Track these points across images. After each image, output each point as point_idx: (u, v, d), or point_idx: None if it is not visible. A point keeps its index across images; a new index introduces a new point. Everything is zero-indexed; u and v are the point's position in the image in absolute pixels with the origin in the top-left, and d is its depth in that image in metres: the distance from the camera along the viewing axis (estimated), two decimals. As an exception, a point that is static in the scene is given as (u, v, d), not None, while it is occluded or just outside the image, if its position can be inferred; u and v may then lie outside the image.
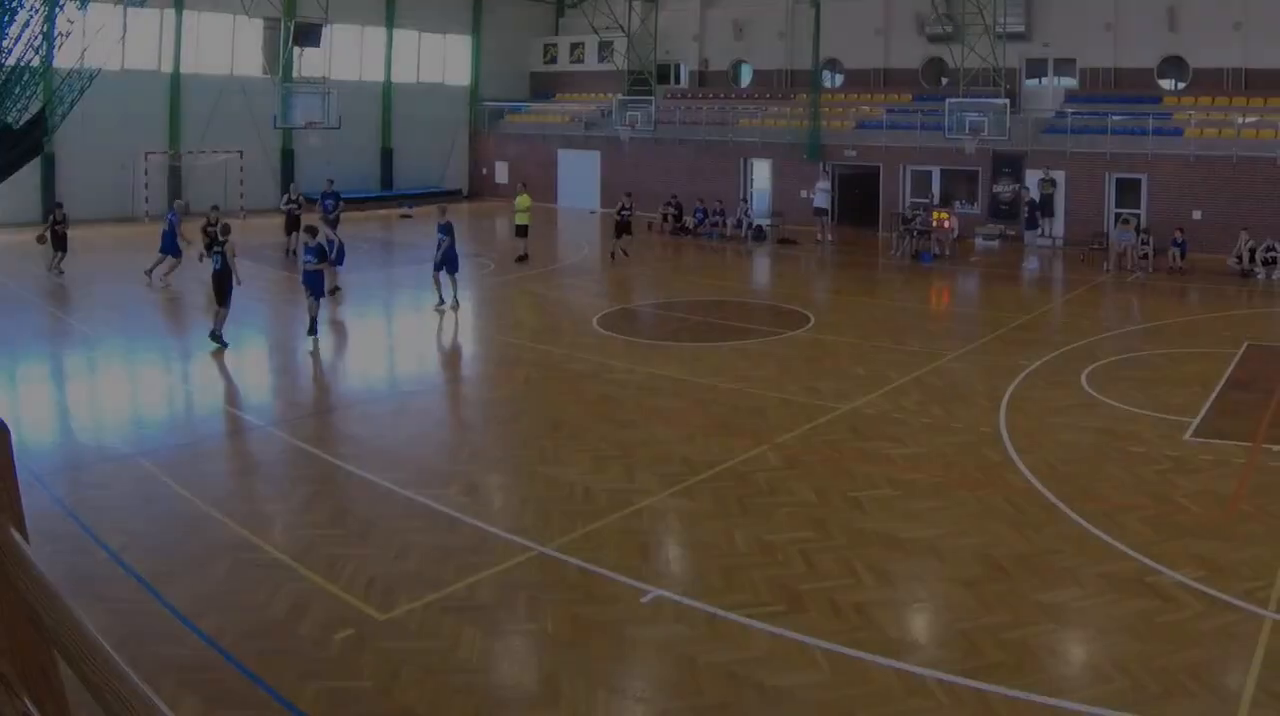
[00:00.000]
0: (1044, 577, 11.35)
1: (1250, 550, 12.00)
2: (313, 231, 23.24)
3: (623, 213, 36.21)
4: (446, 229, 26.22)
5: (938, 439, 16.52)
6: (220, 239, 22.14)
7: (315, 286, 22.81)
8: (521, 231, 35.74)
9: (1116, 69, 47.30)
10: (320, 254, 22.84)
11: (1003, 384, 19.92)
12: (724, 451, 15.61)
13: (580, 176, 55.85)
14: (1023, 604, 10.71)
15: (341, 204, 36.18)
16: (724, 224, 45.88)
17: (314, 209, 34.69)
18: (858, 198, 49.17)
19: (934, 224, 40.04)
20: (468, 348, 24.57)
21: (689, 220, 46.45)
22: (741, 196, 49.56)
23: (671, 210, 47.00)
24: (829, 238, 43.23)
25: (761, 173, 51.65)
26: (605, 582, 11.15)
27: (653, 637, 10.00)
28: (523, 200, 35.52)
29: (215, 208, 26.73)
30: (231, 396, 19.59)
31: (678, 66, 59.81)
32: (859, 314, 27.59)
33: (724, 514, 13.18)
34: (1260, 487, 14.25)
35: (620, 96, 53.87)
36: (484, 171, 61.11)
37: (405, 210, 51.18)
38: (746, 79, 58.09)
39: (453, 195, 57.31)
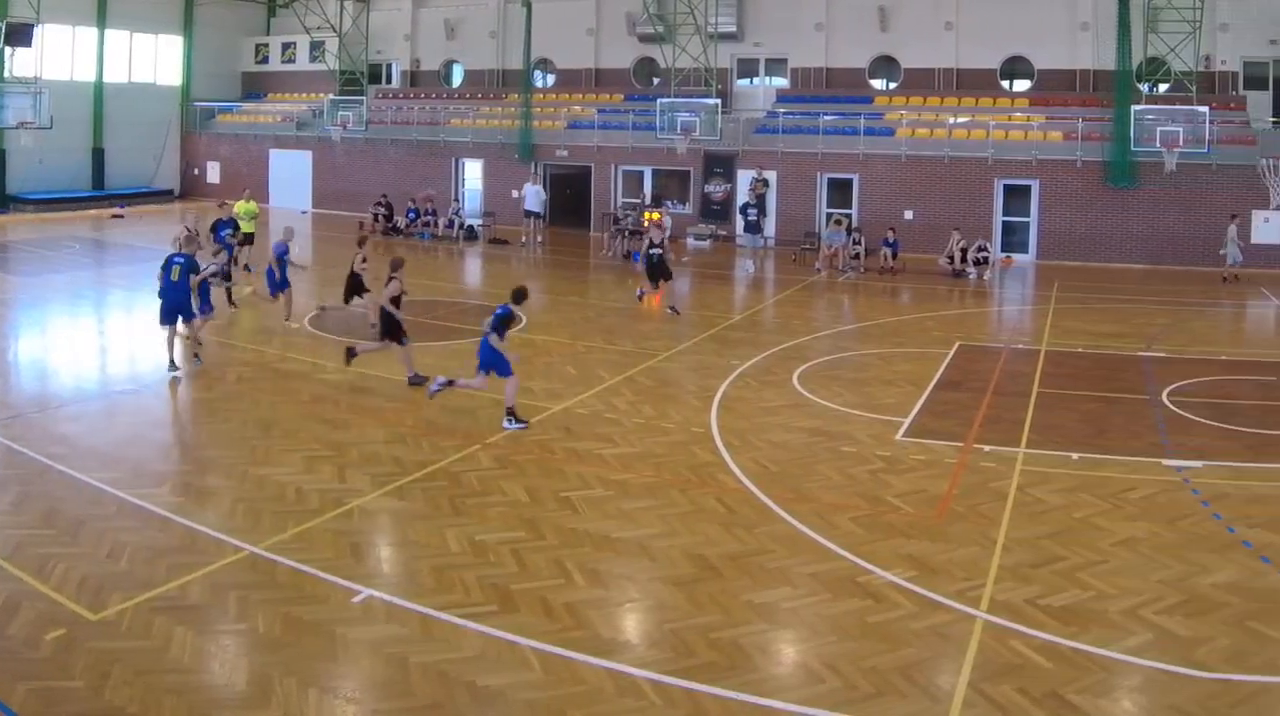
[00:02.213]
0: (756, 577, 11.58)
1: (962, 550, 12.46)
2: None
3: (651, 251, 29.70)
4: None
5: (649, 439, 16.77)
6: None
7: None
8: (246, 239, 34.46)
9: (828, 69, 49.15)
10: None
11: (714, 384, 20.32)
12: (435, 451, 15.84)
13: (292, 176, 55.72)
14: (734, 604, 10.92)
15: None
16: (435, 224, 46.02)
17: None
18: (569, 198, 49.81)
19: (645, 224, 40.47)
20: (180, 347, 23.62)
21: (400, 220, 46.43)
22: (454, 196, 50.10)
23: (382, 210, 46.85)
24: (539, 238, 43.40)
25: (473, 173, 52.19)
26: (317, 582, 11.24)
27: (364, 637, 10.08)
28: (247, 207, 34.20)
29: None
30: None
31: (389, 66, 60.46)
32: (571, 314, 27.67)
33: (436, 514, 13.40)
34: (971, 487, 14.81)
35: (332, 96, 54.78)
36: (195, 171, 60.77)
37: (117, 210, 50.61)
38: (458, 79, 58.77)
39: (164, 195, 58.31)
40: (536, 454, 15.80)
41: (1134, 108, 39.06)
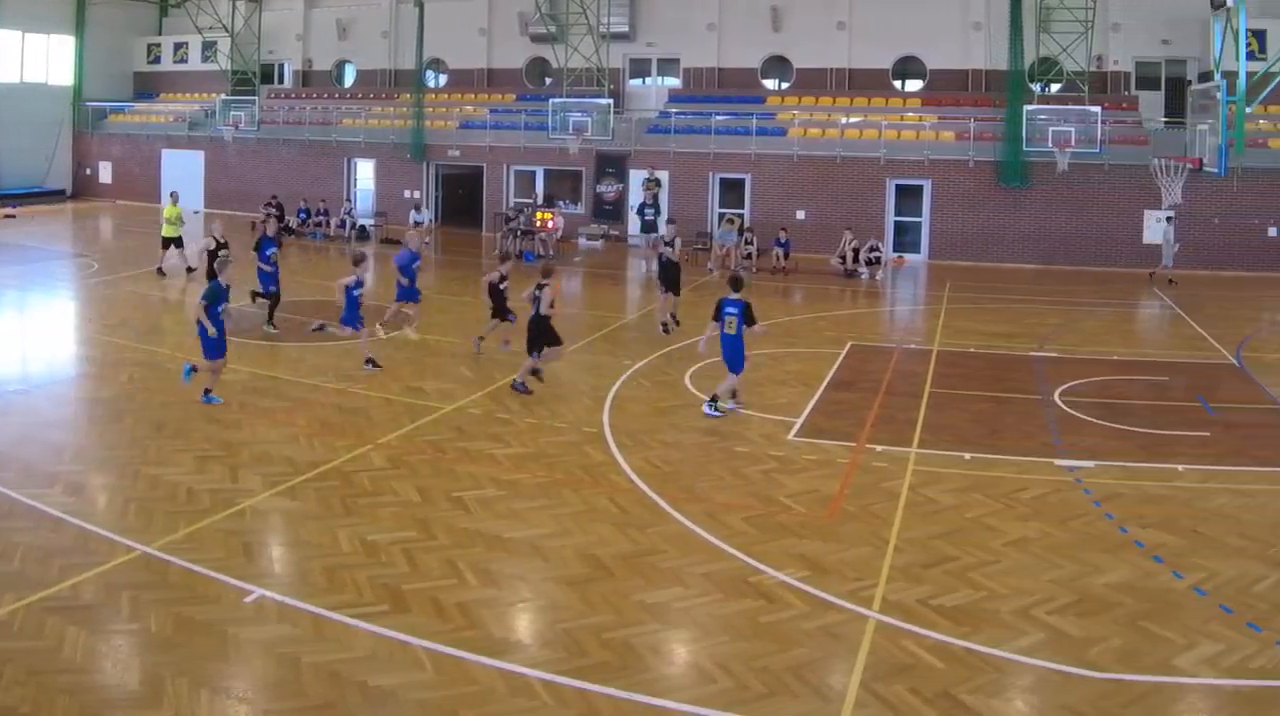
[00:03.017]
0: (648, 577, 11.63)
1: (854, 550, 12.55)
2: None
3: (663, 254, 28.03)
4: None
5: (542, 439, 16.85)
6: None
7: None
8: (173, 243, 33.85)
9: (720, 69, 49.54)
10: None
11: (606, 384, 20.40)
12: (328, 451, 15.86)
13: (184, 176, 54.53)
14: (627, 604, 10.96)
15: None
16: (327, 224, 46.06)
17: None
18: (461, 198, 50.17)
19: (537, 224, 40.58)
20: (72, 347, 23.54)
21: (292, 220, 46.17)
22: (346, 196, 50.17)
23: (273, 211, 45.83)
24: (427, 239, 43.13)
25: (365, 173, 52.21)
26: (209, 582, 11.24)
27: (256, 637, 10.10)
28: (171, 211, 33.67)
29: None
30: None
31: (281, 66, 60.40)
32: (463, 314, 27.56)
33: (328, 514, 13.44)
34: (863, 487, 14.94)
35: (224, 96, 54.75)
36: (87, 172, 60.60)
37: (9, 210, 49.99)
38: (350, 79, 58.80)
39: (56, 195, 58.40)
40: (429, 454, 15.82)
41: (1026, 108, 39.74)
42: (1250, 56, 31.97)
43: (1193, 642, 10.27)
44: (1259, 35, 38.03)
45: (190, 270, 31.98)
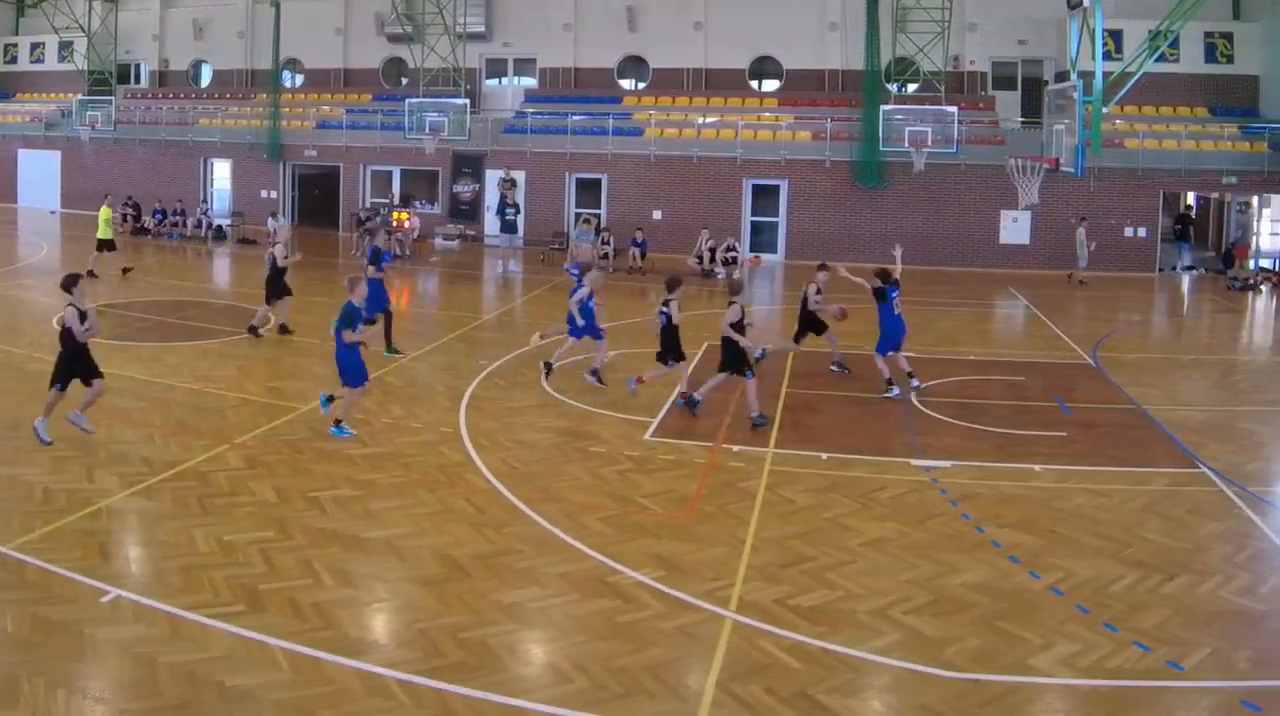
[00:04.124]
0: (504, 577, 11.64)
1: (711, 550, 12.63)
2: None
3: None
4: None
5: (398, 439, 16.86)
6: None
7: None
8: (107, 245, 33.48)
9: (577, 69, 49.85)
10: None
11: (463, 384, 20.40)
12: (184, 451, 15.79)
13: (41, 177, 55.17)
14: (483, 604, 10.97)
15: None
16: (184, 224, 46.18)
17: None
18: (318, 198, 50.27)
19: (394, 224, 40.41)
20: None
21: (148, 220, 46.57)
22: (202, 197, 49.94)
23: (130, 210, 46.70)
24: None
25: (222, 172, 52.27)
26: (65, 582, 11.16)
27: (113, 637, 10.03)
28: (106, 213, 33.70)
29: None
30: None
31: (138, 66, 60.25)
32: (318, 313, 27.25)
33: (184, 514, 13.38)
34: (720, 487, 15.06)
35: (80, 96, 54.71)
36: None
37: None
38: (207, 79, 58.64)
39: None
40: (285, 454, 15.75)
41: (883, 108, 40.51)
42: (1107, 56, 32.93)
43: (1049, 642, 10.45)
44: (1115, 35, 39.18)
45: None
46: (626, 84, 49.86)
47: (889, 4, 41.93)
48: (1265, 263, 41.97)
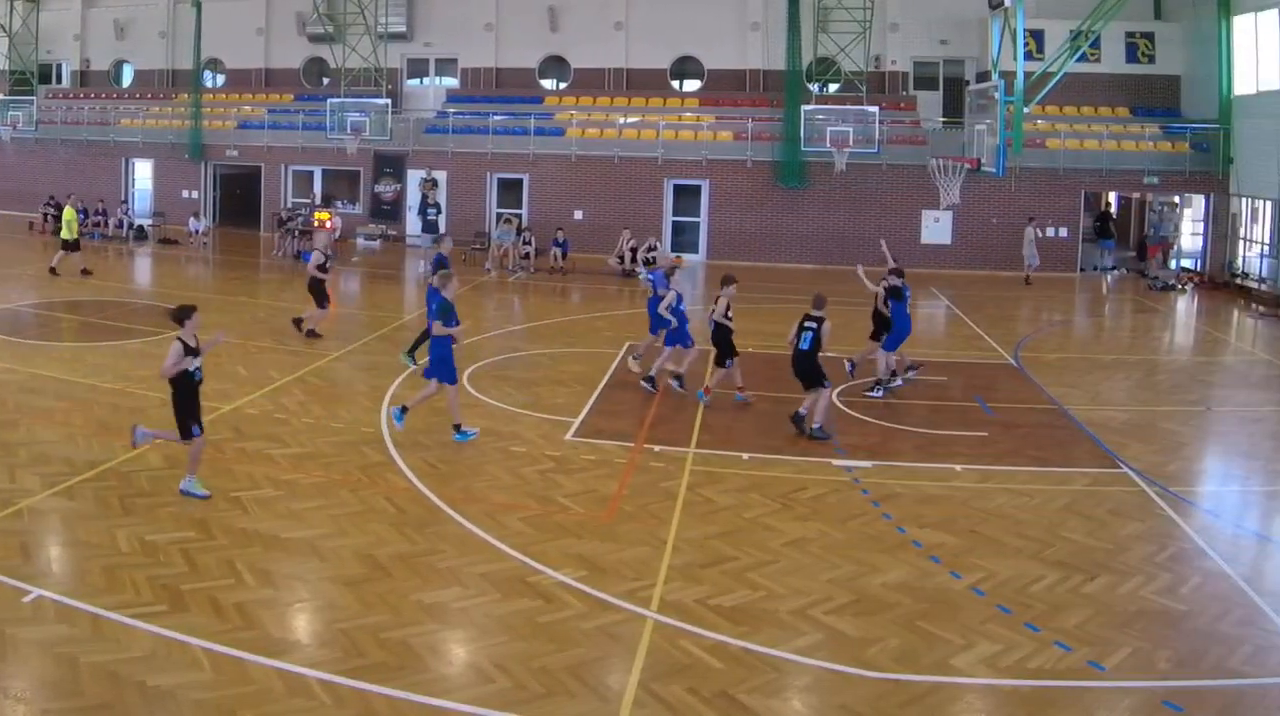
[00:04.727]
0: (425, 577, 11.68)
1: (632, 550, 12.70)
2: None
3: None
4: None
5: (319, 439, 16.87)
6: None
7: None
8: (70, 246, 33.64)
9: (498, 69, 49.83)
10: None
11: (384, 383, 20.40)
12: (106, 451, 15.72)
13: None
14: (404, 604, 11.01)
15: None
16: (105, 224, 45.85)
17: None
18: (239, 198, 49.98)
19: (315, 224, 40.23)
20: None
21: None
22: (123, 197, 49.50)
23: (51, 211, 46.07)
24: (205, 240, 43.62)
25: (144, 172, 52.07)
26: None
27: (34, 637, 10.04)
28: (70, 213, 34.01)
29: None
30: None
31: (59, 66, 59.55)
32: (240, 314, 27.29)
33: (106, 514, 13.36)
34: (641, 487, 15.13)
35: (2, 96, 54.44)
36: None
37: None
38: (128, 79, 57.89)
39: None
40: (206, 453, 15.39)
41: (804, 108, 40.70)
42: (1028, 56, 33.34)
43: (970, 642, 10.58)
44: (1037, 35, 39.71)
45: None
46: (548, 84, 49.86)
47: (810, 4, 42.12)
48: (1186, 263, 42.54)
